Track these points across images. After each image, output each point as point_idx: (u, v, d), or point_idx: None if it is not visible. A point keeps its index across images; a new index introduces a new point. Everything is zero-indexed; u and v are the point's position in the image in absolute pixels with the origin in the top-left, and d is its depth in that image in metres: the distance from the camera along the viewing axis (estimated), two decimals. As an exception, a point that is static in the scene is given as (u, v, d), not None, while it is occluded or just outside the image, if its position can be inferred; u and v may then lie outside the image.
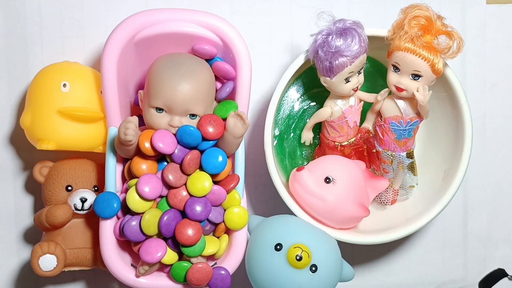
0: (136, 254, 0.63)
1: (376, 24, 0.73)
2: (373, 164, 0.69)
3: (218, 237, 0.64)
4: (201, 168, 0.61)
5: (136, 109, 0.66)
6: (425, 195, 0.69)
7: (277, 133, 0.70)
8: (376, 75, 0.71)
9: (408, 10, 0.62)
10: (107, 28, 0.70)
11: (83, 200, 0.65)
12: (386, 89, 0.66)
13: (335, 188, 0.64)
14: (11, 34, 0.70)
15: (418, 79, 0.63)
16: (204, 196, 0.61)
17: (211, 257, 0.64)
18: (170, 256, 0.61)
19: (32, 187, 0.72)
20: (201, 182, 0.61)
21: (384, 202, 0.70)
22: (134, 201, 0.60)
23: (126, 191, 0.61)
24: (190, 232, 0.60)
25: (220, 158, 0.61)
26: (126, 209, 0.61)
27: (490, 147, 0.76)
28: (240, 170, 0.64)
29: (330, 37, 0.61)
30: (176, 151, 0.60)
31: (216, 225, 0.63)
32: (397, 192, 0.70)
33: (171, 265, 0.62)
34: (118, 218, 0.63)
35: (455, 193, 0.66)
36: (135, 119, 0.59)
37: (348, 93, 0.65)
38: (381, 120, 0.66)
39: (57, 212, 0.64)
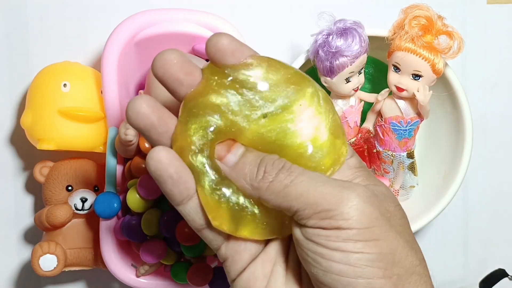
0: (136, 254, 0.63)
1: (376, 24, 0.73)
2: (373, 164, 0.69)
3: (218, 237, 0.64)
4: (201, 168, 0.61)
5: (136, 109, 0.66)
6: (426, 195, 0.69)
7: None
8: (377, 75, 0.71)
9: (408, 10, 0.62)
10: (107, 28, 0.69)
11: (84, 200, 0.65)
12: (387, 89, 0.66)
13: (336, 188, 0.63)
14: (12, 34, 0.70)
15: (419, 79, 0.63)
16: (204, 196, 0.61)
17: (212, 257, 0.64)
18: (170, 256, 0.61)
19: (33, 187, 0.72)
20: (201, 182, 0.61)
21: (384, 202, 0.70)
22: (134, 201, 0.60)
23: (126, 191, 0.61)
24: (190, 232, 0.60)
25: (221, 158, 0.61)
26: (126, 209, 0.61)
27: (490, 147, 0.76)
28: (240, 170, 0.64)
29: (331, 37, 0.61)
30: (176, 151, 0.60)
31: (216, 225, 0.63)
32: (398, 192, 0.70)
33: (171, 265, 0.62)
34: (118, 218, 0.63)
35: (456, 193, 0.66)
36: (135, 119, 0.59)
37: (348, 93, 0.65)
38: (382, 120, 0.66)
39: (57, 212, 0.64)
